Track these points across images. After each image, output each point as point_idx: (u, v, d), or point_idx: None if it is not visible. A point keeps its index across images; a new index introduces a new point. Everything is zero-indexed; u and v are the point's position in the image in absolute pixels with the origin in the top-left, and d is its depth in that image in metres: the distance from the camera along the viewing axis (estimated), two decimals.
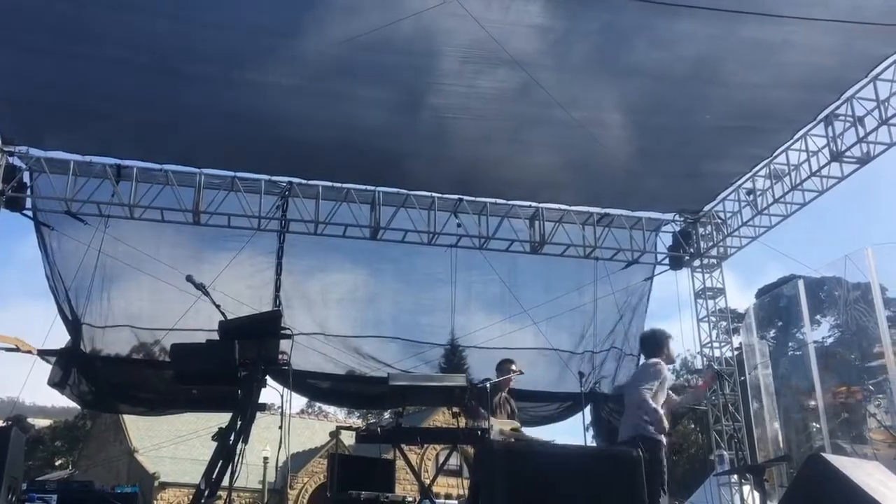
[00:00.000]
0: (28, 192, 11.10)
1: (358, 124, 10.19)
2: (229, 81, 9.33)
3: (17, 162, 11.02)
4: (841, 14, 7.96)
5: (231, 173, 11.48)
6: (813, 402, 12.27)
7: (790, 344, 16.65)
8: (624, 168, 11.07)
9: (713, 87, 9.50)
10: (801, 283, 12.93)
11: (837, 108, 10.16)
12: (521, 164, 11.13)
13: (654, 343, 6.98)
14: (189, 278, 5.81)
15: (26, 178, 11.07)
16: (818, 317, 18.97)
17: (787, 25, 8.18)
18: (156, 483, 30.34)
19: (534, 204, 12.46)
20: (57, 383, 10.65)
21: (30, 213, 11.17)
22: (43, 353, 10.71)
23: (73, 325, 10.95)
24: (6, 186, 10.82)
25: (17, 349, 6.22)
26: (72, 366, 10.77)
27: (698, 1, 7.84)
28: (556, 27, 8.54)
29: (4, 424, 9.47)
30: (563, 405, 12.11)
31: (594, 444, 11.60)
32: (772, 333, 18.09)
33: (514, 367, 8.31)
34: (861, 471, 5.21)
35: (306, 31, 8.54)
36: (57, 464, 43.54)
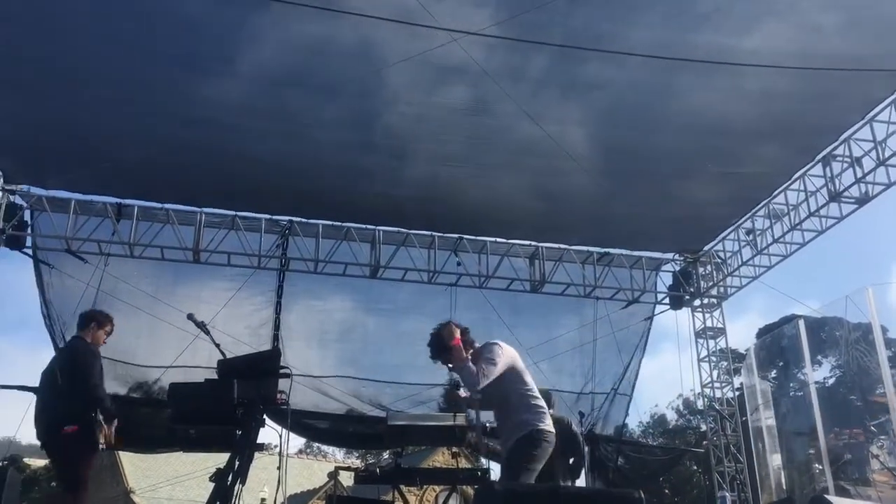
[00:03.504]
0: (28, 230, 11.12)
1: (359, 168, 10.33)
2: (228, 126, 9.45)
3: (18, 200, 11.06)
4: (837, 63, 8.07)
5: (232, 212, 11.53)
6: (815, 444, 12.16)
7: (791, 384, 16.55)
8: (624, 209, 11.14)
9: (714, 136, 9.61)
10: (801, 324, 12.89)
11: (835, 148, 10.23)
12: (520, 204, 11.19)
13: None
14: (190, 317, 5.80)
15: (27, 216, 11.11)
16: (819, 357, 18.90)
17: (786, 76, 8.31)
18: None
19: (534, 243, 12.49)
20: None
21: (29, 252, 11.17)
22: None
23: None
24: (7, 225, 10.86)
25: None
26: None
27: (707, 56, 8.05)
28: (559, 78, 8.73)
29: (1, 465, 9.37)
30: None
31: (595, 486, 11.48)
32: (773, 374, 17.99)
33: None
34: None
35: (307, 83, 8.74)
36: None
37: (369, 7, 7.48)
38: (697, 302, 13.39)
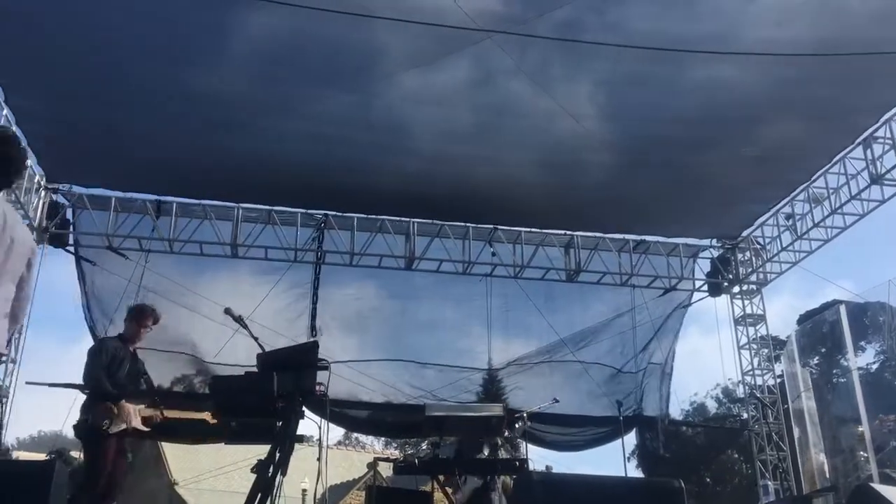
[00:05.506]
0: (71, 228, 11.34)
1: (389, 164, 10.44)
2: (262, 128, 9.64)
3: (60, 199, 11.29)
4: (871, 47, 7.93)
5: (268, 207, 11.64)
6: (859, 431, 11.96)
7: (834, 371, 16.32)
8: (660, 195, 11.04)
9: (751, 121, 9.49)
10: (843, 309, 12.65)
11: (876, 130, 10.02)
12: (554, 192, 11.13)
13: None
14: (227, 311, 5.87)
15: (69, 214, 11.33)
16: (862, 343, 18.56)
17: (824, 61, 8.18)
18: None
19: (568, 232, 12.42)
20: None
21: (72, 250, 11.39)
22: (84, 388, 10.83)
23: None
24: (50, 223, 11.08)
25: None
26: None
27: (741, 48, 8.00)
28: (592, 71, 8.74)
29: (48, 458, 9.59)
30: (602, 430, 11.94)
31: (637, 475, 11.43)
32: (815, 360, 17.75)
33: None
34: None
35: (337, 84, 8.90)
36: None
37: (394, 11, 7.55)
38: (736, 289, 13.21)
